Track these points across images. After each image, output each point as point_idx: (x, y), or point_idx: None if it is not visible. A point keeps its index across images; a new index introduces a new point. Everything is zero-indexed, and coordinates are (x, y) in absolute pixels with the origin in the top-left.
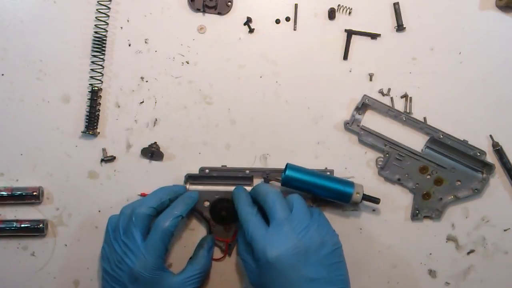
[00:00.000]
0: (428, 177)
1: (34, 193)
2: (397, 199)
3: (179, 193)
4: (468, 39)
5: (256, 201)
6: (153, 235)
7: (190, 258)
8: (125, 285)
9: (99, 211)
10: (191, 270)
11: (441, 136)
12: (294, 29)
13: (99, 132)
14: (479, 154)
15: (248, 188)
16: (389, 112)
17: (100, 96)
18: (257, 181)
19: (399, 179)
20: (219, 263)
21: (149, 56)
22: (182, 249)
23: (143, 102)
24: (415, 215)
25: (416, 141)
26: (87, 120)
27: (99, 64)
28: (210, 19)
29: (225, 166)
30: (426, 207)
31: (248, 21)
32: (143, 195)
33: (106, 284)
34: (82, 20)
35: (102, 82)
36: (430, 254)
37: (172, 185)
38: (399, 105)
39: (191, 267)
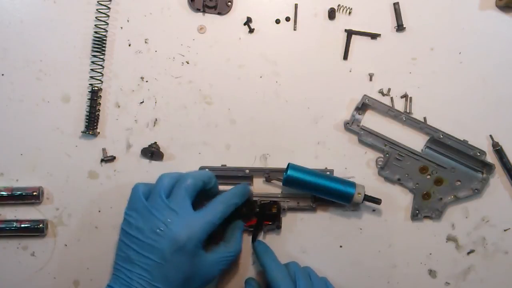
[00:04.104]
0: (428, 177)
1: (34, 193)
2: (397, 199)
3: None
4: (468, 39)
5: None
6: (211, 210)
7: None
8: (163, 253)
9: (99, 211)
10: (225, 251)
11: (441, 136)
12: (294, 29)
13: (99, 132)
14: (479, 154)
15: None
16: (389, 112)
17: (100, 96)
18: (257, 180)
19: (399, 179)
20: None
21: (149, 56)
22: None
23: (143, 102)
24: (415, 215)
25: (416, 141)
26: (87, 120)
27: (99, 64)
28: (210, 19)
29: (225, 165)
30: (426, 207)
31: (248, 21)
32: None
33: (133, 254)
34: (82, 20)
35: (102, 82)
36: (430, 254)
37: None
38: (399, 105)
39: (225, 248)
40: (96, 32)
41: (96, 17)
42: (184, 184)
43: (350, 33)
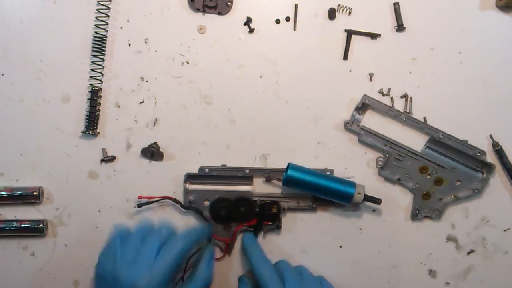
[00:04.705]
0: (428, 177)
1: (34, 193)
2: (397, 199)
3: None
4: (468, 39)
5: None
6: (169, 251)
7: (191, 271)
8: None
9: (99, 211)
10: (194, 286)
11: (441, 136)
12: (294, 29)
13: (99, 132)
14: (479, 154)
15: (249, 188)
16: (389, 112)
17: (100, 96)
18: (257, 180)
19: (399, 179)
20: (218, 263)
21: (149, 56)
22: None
23: (143, 102)
24: (415, 215)
25: (416, 141)
26: (87, 120)
27: (99, 64)
28: (210, 19)
29: (225, 165)
30: (426, 207)
31: (248, 21)
32: (140, 198)
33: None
34: (82, 20)
35: (102, 82)
36: (430, 254)
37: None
38: (399, 105)
39: (194, 284)
40: (96, 32)
41: (96, 17)
42: (156, 235)
43: (350, 33)
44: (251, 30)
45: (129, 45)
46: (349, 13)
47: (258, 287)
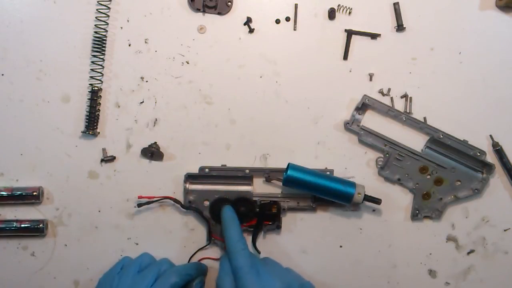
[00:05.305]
0: (428, 177)
1: (34, 193)
2: (397, 199)
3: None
4: (468, 39)
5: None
6: (163, 285)
7: None
8: None
9: (99, 211)
10: None
11: (441, 136)
12: (294, 29)
13: (99, 132)
14: (479, 154)
15: (249, 188)
16: (389, 112)
17: (100, 96)
18: (257, 180)
19: (399, 179)
20: (217, 262)
21: (149, 56)
22: (182, 249)
23: (143, 102)
24: (415, 215)
25: (416, 141)
26: (87, 120)
27: (99, 64)
28: (210, 19)
29: (225, 165)
30: (426, 207)
31: (248, 21)
32: (140, 198)
33: None
34: (82, 20)
35: (102, 82)
36: (430, 254)
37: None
38: (399, 105)
39: None
40: (96, 32)
41: (96, 17)
42: (155, 268)
43: (350, 33)
44: (251, 30)
45: (129, 45)
46: (349, 13)
47: (229, 258)
